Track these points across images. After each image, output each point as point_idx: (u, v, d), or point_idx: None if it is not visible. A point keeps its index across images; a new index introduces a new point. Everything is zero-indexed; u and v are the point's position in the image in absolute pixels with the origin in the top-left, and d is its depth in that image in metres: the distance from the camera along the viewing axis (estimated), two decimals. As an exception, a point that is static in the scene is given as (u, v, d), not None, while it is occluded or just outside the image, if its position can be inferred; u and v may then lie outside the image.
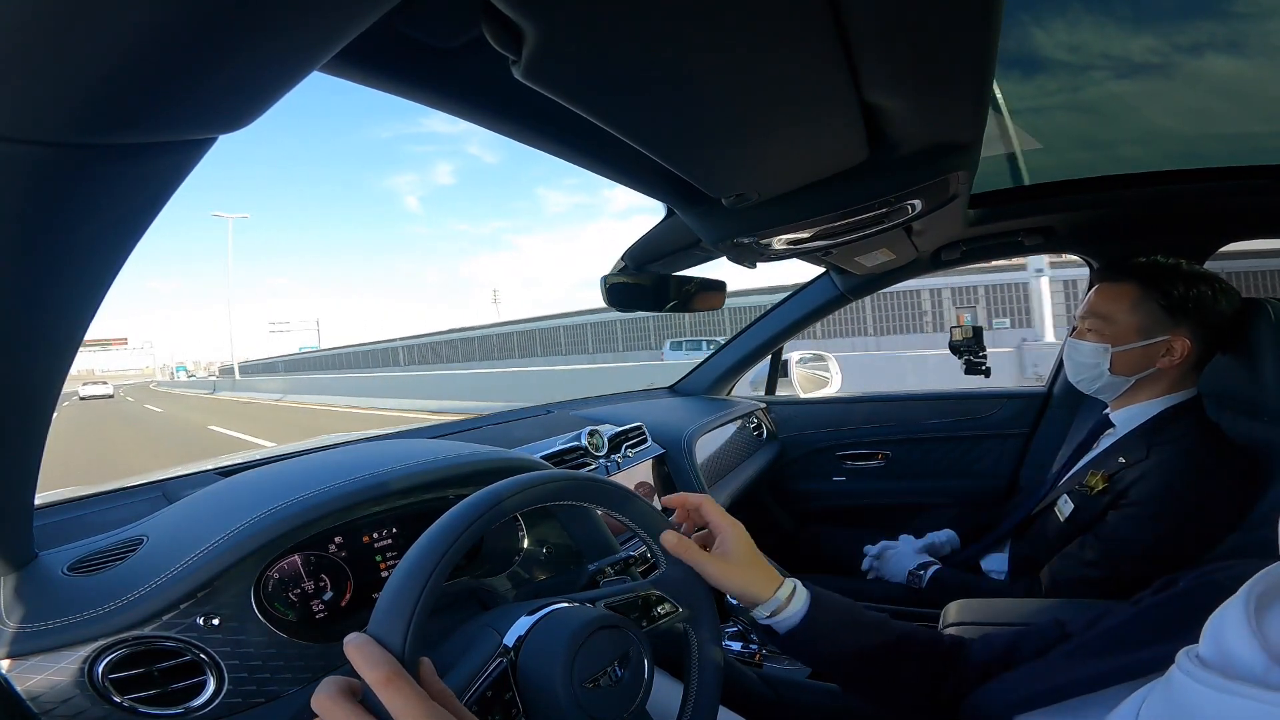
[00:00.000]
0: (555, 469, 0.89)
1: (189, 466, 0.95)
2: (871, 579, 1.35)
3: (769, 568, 0.61)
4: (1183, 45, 0.80)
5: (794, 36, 0.42)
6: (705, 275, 1.13)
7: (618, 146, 0.54)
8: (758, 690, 0.85)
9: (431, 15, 0.40)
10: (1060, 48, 0.79)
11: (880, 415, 1.85)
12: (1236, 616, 0.31)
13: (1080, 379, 1.11)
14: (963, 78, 0.54)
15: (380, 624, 0.40)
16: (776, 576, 0.60)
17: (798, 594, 0.60)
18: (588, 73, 0.42)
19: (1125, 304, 1.04)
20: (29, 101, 0.24)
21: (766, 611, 0.59)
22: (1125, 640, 0.48)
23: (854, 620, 0.61)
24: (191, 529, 0.60)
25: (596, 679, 0.47)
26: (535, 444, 1.12)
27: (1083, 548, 1.03)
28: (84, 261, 0.34)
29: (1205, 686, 0.31)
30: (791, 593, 0.60)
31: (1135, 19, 0.74)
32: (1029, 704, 0.50)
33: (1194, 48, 0.80)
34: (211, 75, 0.26)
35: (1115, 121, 1.02)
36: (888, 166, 0.70)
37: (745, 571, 0.59)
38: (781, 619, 0.59)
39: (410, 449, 0.76)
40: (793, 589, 0.60)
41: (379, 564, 0.70)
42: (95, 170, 0.28)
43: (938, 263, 1.52)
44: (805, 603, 0.59)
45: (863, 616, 0.62)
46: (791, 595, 0.59)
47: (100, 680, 0.49)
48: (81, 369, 77.67)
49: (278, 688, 0.56)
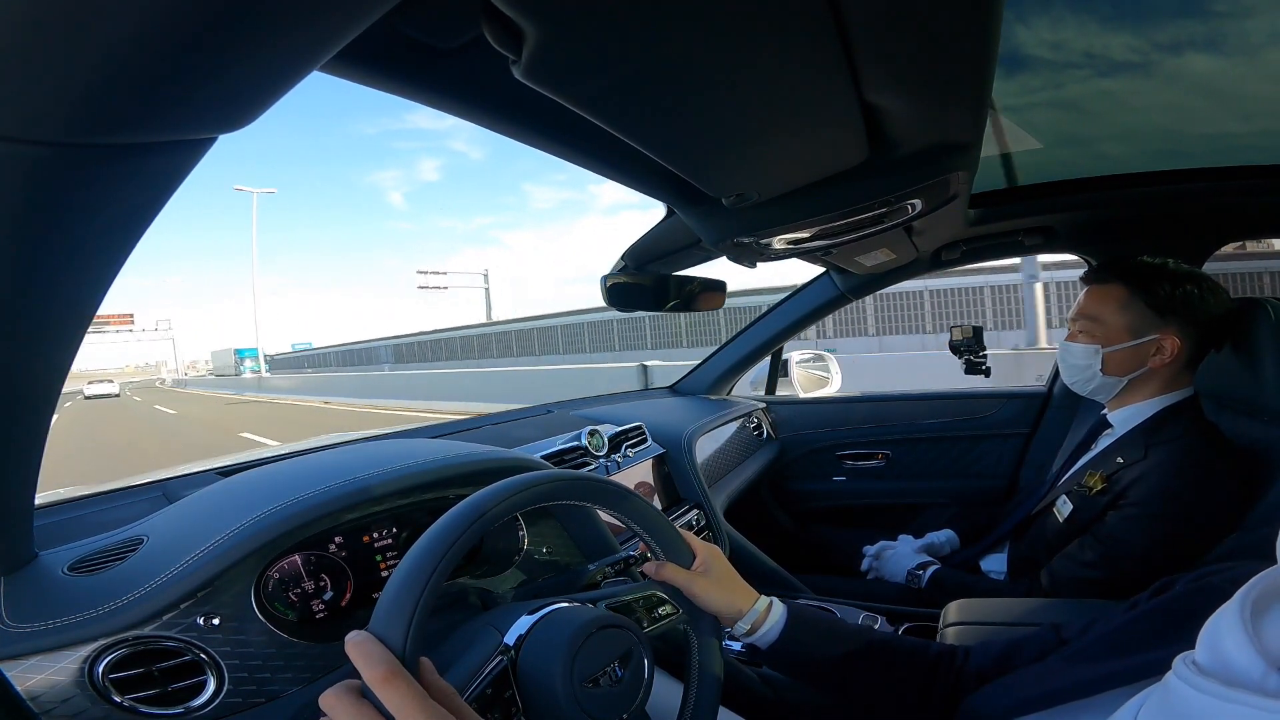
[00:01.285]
0: (555, 469, 0.90)
1: (189, 466, 0.95)
2: (871, 579, 1.36)
3: (746, 586, 0.64)
4: (1163, 43, 0.80)
5: (794, 37, 0.42)
6: (705, 275, 1.13)
7: (618, 146, 0.54)
8: (758, 690, 0.85)
9: (431, 15, 0.40)
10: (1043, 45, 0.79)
11: (880, 415, 1.85)
12: (1232, 622, 0.31)
13: (1074, 381, 1.11)
14: (963, 78, 0.54)
15: (381, 623, 0.40)
16: (753, 593, 0.64)
17: (774, 608, 0.63)
18: (588, 73, 0.42)
19: (1114, 305, 1.04)
20: (29, 101, 0.24)
21: (746, 625, 0.62)
22: (1121, 645, 0.48)
23: (832, 631, 0.64)
24: (192, 529, 0.60)
25: (596, 678, 0.47)
26: (535, 444, 1.12)
27: (1082, 548, 1.03)
28: (84, 261, 0.34)
29: (1203, 694, 0.31)
30: (768, 607, 0.63)
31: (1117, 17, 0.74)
32: (1025, 708, 0.50)
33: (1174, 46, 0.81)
34: (212, 75, 0.26)
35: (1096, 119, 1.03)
36: (888, 166, 0.70)
37: (725, 589, 0.61)
38: (761, 634, 0.62)
39: (410, 449, 0.76)
40: (769, 604, 0.63)
41: (379, 564, 0.70)
42: (95, 170, 0.28)
43: (938, 262, 1.52)
44: (782, 617, 0.63)
45: (842, 628, 0.65)
46: (769, 610, 0.63)
47: (100, 680, 0.49)
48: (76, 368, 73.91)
49: (278, 688, 0.56)
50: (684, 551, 0.60)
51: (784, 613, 0.63)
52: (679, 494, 1.34)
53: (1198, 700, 0.31)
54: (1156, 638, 0.46)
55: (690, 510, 1.30)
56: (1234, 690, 0.29)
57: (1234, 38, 0.79)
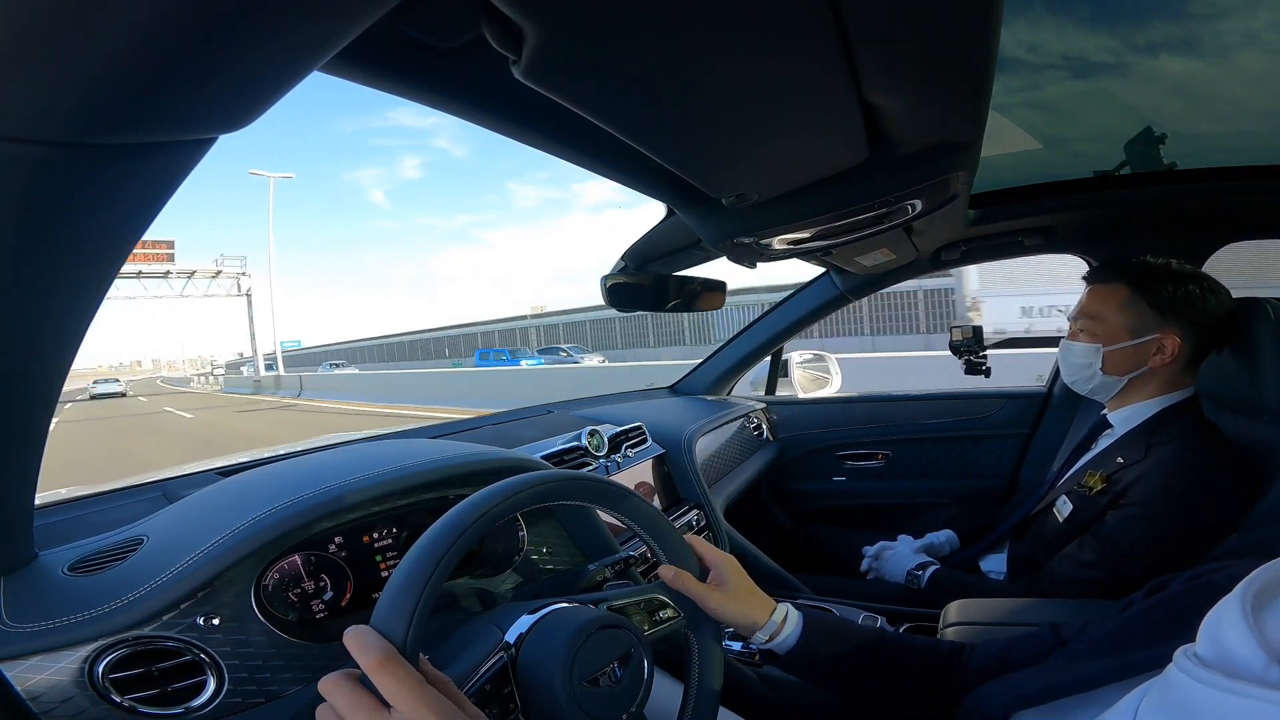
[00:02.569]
0: (556, 469, 0.90)
1: (189, 466, 0.95)
2: (870, 579, 1.36)
3: (763, 595, 0.64)
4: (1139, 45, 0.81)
5: (794, 36, 0.42)
6: (705, 275, 1.13)
7: (618, 146, 0.54)
8: (758, 690, 0.86)
9: (431, 15, 0.40)
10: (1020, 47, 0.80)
11: (880, 415, 1.85)
12: (1234, 615, 0.31)
13: (1074, 380, 1.11)
14: (963, 78, 0.54)
15: (382, 620, 0.40)
16: (770, 602, 0.64)
17: (790, 616, 0.63)
18: (588, 73, 0.42)
19: (1115, 304, 1.04)
20: (29, 101, 0.24)
21: (765, 636, 0.62)
22: (1121, 642, 0.48)
23: (847, 635, 0.64)
24: (192, 529, 0.60)
25: (596, 678, 0.47)
26: (535, 444, 1.12)
27: (1081, 548, 1.03)
28: (84, 261, 0.34)
29: (1206, 686, 0.31)
30: (785, 616, 0.63)
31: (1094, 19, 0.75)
32: (1025, 703, 0.50)
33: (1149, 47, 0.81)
34: (212, 76, 0.26)
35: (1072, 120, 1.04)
36: (888, 166, 0.70)
37: (742, 601, 0.62)
38: (779, 641, 0.63)
39: (410, 449, 0.76)
40: (785, 613, 0.63)
41: (379, 564, 0.70)
42: (95, 170, 0.28)
43: (938, 263, 1.52)
44: (799, 624, 0.63)
45: (856, 630, 0.66)
46: (785, 619, 0.63)
47: (100, 680, 0.49)
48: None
49: (278, 688, 0.56)
50: (684, 551, 0.60)
51: (800, 619, 0.63)
52: (679, 494, 1.34)
53: (1199, 692, 0.31)
54: (1156, 633, 0.46)
55: (690, 510, 1.30)
56: (1235, 682, 0.29)
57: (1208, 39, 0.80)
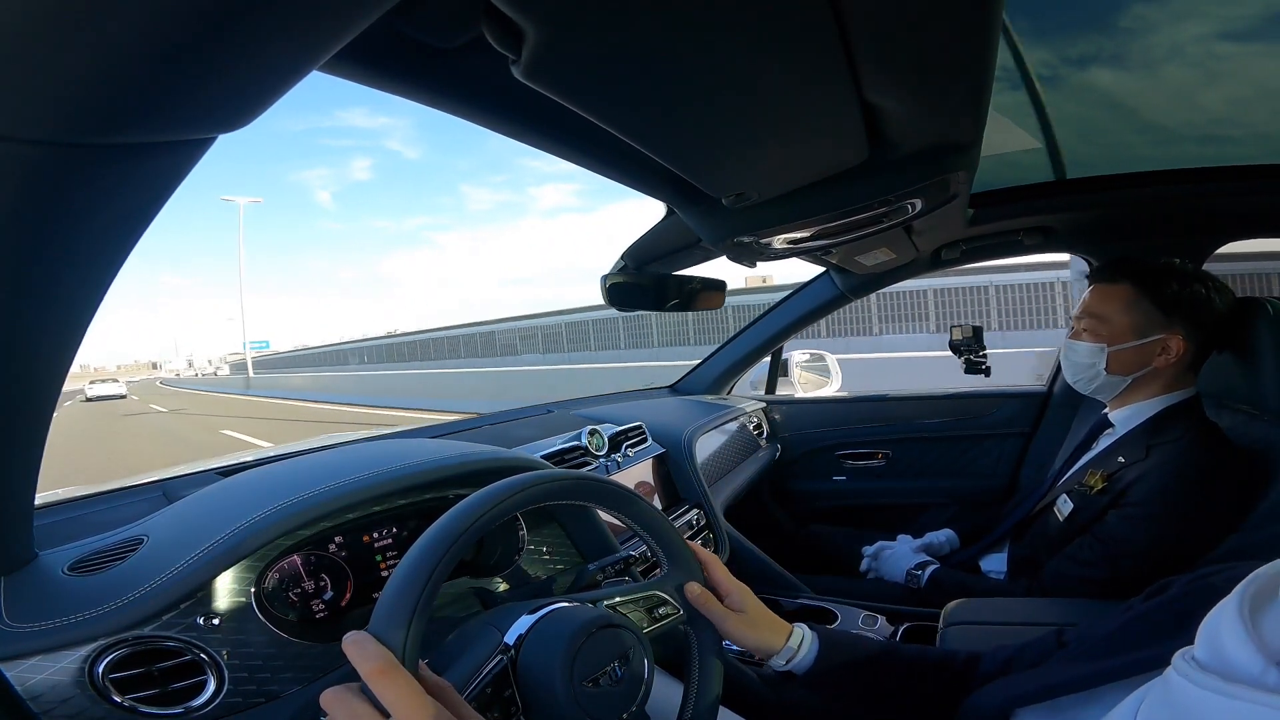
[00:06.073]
0: (556, 468, 0.90)
1: (189, 466, 0.95)
2: (870, 579, 1.36)
3: (778, 621, 0.64)
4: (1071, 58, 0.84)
5: (794, 37, 0.42)
6: (705, 275, 1.13)
7: (618, 146, 0.54)
8: (758, 690, 0.86)
9: (431, 15, 0.40)
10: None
11: (880, 415, 1.85)
12: (1231, 618, 0.31)
13: (1077, 379, 1.11)
14: (963, 78, 0.54)
15: (380, 623, 0.40)
16: (786, 626, 0.64)
17: (806, 638, 0.64)
18: (588, 73, 0.42)
19: (1120, 304, 1.04)
20: (29, 101, 0.24)
21: (783, 660, 0.63)
22: (1121, 643, 0.49)
23: (864, 651, 0.64)
24: (192, 529, 0.60)
25: (596, 678, 0.47)
26: (535, 444, 1.12)
27: (1082, 548, 1.03)
28: (84, 261, 0.34)
29: (1203, 689, 0.31)
30: (801, 639, 0.63)
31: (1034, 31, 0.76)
32: (1024, 700, 0.51)
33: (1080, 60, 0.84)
34: (211, 76, 0.26)
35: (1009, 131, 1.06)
36: (888, 166, 0.70)
37: (761, 628, 0.62)
38: (796, 664, 0.63)
39: (410, 449, 0.76)
40: (802, 636, 0.64)
41: (379, 564, 0.70)
42: (95, 170, 0.28)
43: (938, 262, 1.52)
44: (815, 645, 0.63)
45: (871, 647, 0.66)
46: (801, 642, 0.63)
47: (100, 680, 0.49)
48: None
49: (278, 688, 0.56)
50: (683, 550, 0.60)
51: (815, 639, 0.64)
52: (679, 494, 1.34)
53: (1197, 695, 0.31)
54: (1156, 635, 0.46)
55: (690, 510, 1.30)
56: (1233, 685, 0.29)
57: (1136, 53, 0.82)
